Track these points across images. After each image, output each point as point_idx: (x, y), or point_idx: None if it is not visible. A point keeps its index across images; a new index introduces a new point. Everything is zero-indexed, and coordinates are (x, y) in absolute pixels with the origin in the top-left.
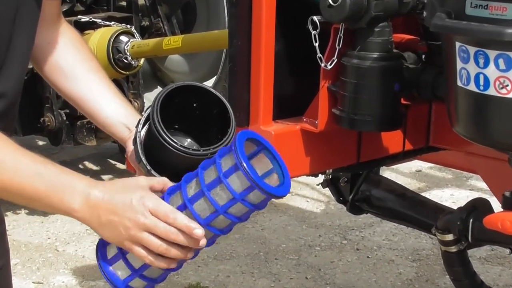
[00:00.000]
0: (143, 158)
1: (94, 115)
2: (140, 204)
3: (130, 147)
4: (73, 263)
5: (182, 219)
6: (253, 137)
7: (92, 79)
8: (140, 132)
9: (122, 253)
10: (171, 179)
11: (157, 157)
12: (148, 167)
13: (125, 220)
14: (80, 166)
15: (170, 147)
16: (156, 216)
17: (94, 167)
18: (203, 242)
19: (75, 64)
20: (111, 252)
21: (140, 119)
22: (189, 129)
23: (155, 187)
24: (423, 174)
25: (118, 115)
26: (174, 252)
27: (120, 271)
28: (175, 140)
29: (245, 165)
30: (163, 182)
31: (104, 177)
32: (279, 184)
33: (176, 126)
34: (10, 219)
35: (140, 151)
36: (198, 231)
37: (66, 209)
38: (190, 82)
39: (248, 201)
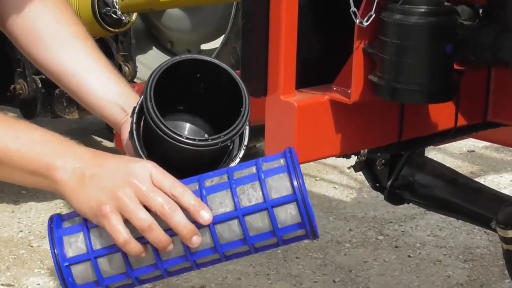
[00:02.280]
0: (143, 155)
1: (80, 93)
2: (142, 168)
3: (126, 135)
4: (50, 261)
5: (190, 195)
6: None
7: (78, 47)
8: (134, 123)
9: (86, 226)
10: (179, 177)
11: (159, 152)
12: None
13: (117, 180)
14: None
15: (171, 140)
16: (159, 183)
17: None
18: (197, 240)
19: (57, 29)
20: (71, 222)
21: (135, 106)
22: (195, 109)
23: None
24: (477, 155)
25: (111, 93)
26: (157, 234)
27: (71, 247)
28: (175, 131)
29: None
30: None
31: None
32: None
33: (181, 108)
34: None
35: (138, 145)
36: (205, 214)
37: (45, 165)
38: (189, 56)
39: (277, 217)
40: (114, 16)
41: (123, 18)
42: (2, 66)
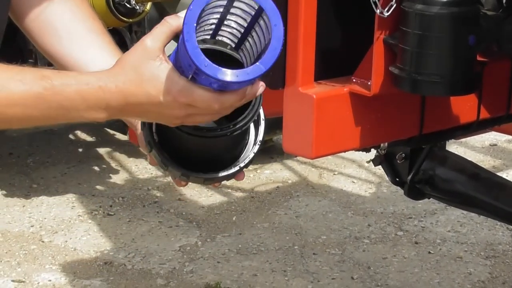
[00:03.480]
0: (154, 146)
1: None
2: (172, 102)
3: (140, 129)
4: (62, 257)
5: (228, 99)
6: None
7: (95, 42)
8: None
9: None
10: (188, 167)
11: (171, 141)
12: (160, 157)
13: (163, 116)
14: (71, 136)
15: (179, 130)
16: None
17: (88, 138)
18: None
19: (73, 23)
20: None
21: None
22: None
23: (165, 43)
24: (500, 149)
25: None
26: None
27: None
28: None
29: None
30: (168, 30)
31: (100, 150)
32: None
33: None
34: None
35: (148, 135)
36: (259, 89)
37: (92, 120)
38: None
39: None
40: (128, 6)
41: (137, 8)
42: (14, 57)
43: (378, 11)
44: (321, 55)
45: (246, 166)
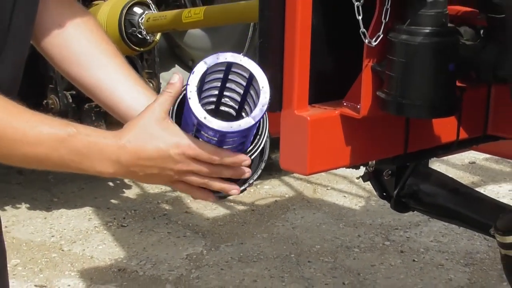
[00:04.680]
0: None
1: (113, 105)
2: (179, 155)
3: None
4: (80, 264)
5: (227, 155)
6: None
7: (109, 64)
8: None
9: None
10: None
11: None
12: None
13: (167, 171)
14: None
15: None
16: (199, 160)
17: None
18: (248, 172)
19: (90, 48)
20: None
21: (172, 108)
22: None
23: (169, 108)
24: (478, 166)
25: (141, 105)
26: (217, 185)
27: None
28: None
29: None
30: (170, 97)
31: None
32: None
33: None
34: (9, 214)
35: None
36: (247, 162)
37: (98, 174)
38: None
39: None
40: (140, 36)
41: (148, 38)
42: (36, 83)
43: (366, 41)
44: (315, 81)
45: (254, 181)
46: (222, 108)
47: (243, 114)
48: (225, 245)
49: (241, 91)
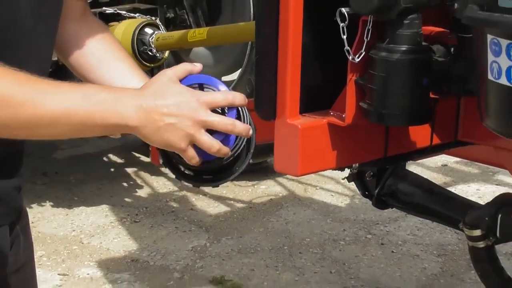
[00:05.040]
0: (161, 161)
1: None
2: (196, 100)
3: None
4: (98, 256)
5: (239, 96)
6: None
7: (121, 67)
8: None
9: None
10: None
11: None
12: (175, 174)
13: (185, 119)
14: (105, 159)
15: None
16: (212, 106)
17: (119, 160)
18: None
19: (103, 55)
20: None
21: None
22: None
23: (181, 77)
24: (449, 168)
25: None
26: (224, 150)
27: None
28: None
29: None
30: (185, 69)
31: (128, 169)
32: None
33: None
34: (35, 211)
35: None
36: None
37: (121, 120)
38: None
39: None
40: (150, 53)
41: (158, 55)
42: None
43: (350, 57)
44: (305, 92)
45: (242, 170)
46: None
47: None
48: (226, 238)
49: None
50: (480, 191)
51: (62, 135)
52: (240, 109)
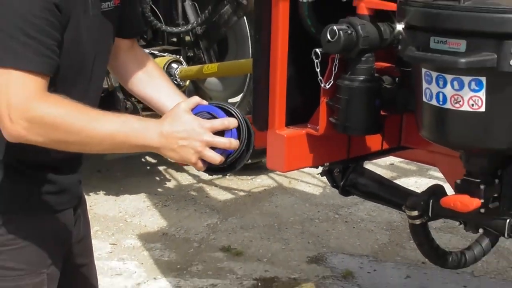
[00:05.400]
0: None
1: (162, 108)
2: (200, 127)
3: None
4: (138, 230)
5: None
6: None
7: (160, 83)
8: None
9: None
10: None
11: None
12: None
13: (194, 141)
14: (143, 160)
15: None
16: (213, 130)
17: (153, 161)
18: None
19: (148, 74)
20: None
21: None
22: None
23: (192, 107)
24: (395, 166)
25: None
26: (219, 159)
27: None
28: None
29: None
30: (195, 101)
31: (160, 167)
32: None
33: None
34: (92, 198)
35: None
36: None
37: (148, 143)
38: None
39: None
40: (175, 82)
41: (181, 83)
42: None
43: (322, 85)
44: (289, 111)
45: (242, 166)
46: None
47: None
48: (231, 217)
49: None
50: (417, 183)
51: (105, 151)
52: (240, 125)
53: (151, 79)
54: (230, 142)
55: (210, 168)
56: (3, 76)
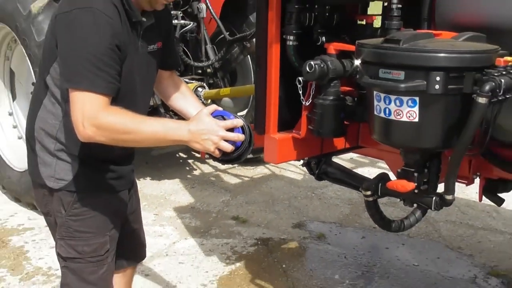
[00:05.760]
0: (206, 156)
1: (190, 117)
2: (217, 126)
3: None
4: (173, 205)
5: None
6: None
7: (190, 99)
8: None
9: None
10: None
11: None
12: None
13: (213, 136)
14: (177, 155)
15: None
16: (226, 128)
17: (184, 155)
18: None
19: (182, 93)
20: None
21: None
22: None
23: (211, 112)
24: (354, 160)
25: None
26: (230, 147)
27: None
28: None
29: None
30: (213, 107)
31: (189, 160)
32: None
33: None
34: (141, 182)
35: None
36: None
37: (180, 138)
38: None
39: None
40: (201, 100)
41: (204, 102)
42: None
43: (303, 102)
44: (280, 121)
45: (246, 158)
46: None
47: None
48: (239, 196)
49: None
50: (370, 172)
51: (150, 145)
52: (244, 127)
53: (184, 97)
54: (238, 136)
55: (224, 160)
56: (80, 96)
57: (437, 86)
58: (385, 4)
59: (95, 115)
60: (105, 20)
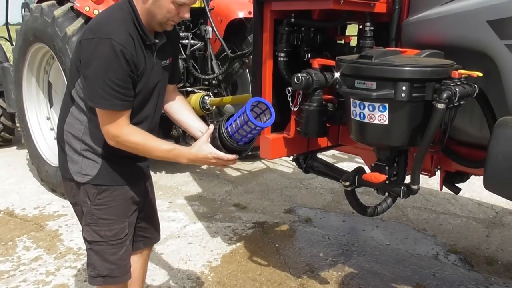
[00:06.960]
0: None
1: (188, 127)
2: (211, 156)
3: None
4: (185, 194)
5: (227, 157)
6: (262, 101)
7: (186, 112)
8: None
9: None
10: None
11: (220, 145)
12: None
13: (209, 162)
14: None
15: (226, 141)
16: (217, 157)
17: None
18: (235, 161)
19: (181, 106)
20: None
21: (214, 128)
22: None
23: (207, 139)
24: (336, 156)
25: (197, 127)
26: (224, 164)
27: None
28: (227, 138)
29: (247, 112)
30: (210, 131)
31: None
32: (267, 122)
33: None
34: (157, 175)
35: (214, 140)
36: (235, 157)
37: (183, 162)
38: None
39: (246, 126)
40: (206, 107)
41: (210, 108)
42: (166, 127)
43: (292, 108)
44: (273, 123)
45: (247, 155)
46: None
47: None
48: (239, 186)
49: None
50: (348, 166)
51: (160, 160)
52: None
53: (182, 109)
54: (228, 159)
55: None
56: (103, 114)
57: (403, 94)
58: (360, 26)
59: (117, 134)
60: (121, 50)
